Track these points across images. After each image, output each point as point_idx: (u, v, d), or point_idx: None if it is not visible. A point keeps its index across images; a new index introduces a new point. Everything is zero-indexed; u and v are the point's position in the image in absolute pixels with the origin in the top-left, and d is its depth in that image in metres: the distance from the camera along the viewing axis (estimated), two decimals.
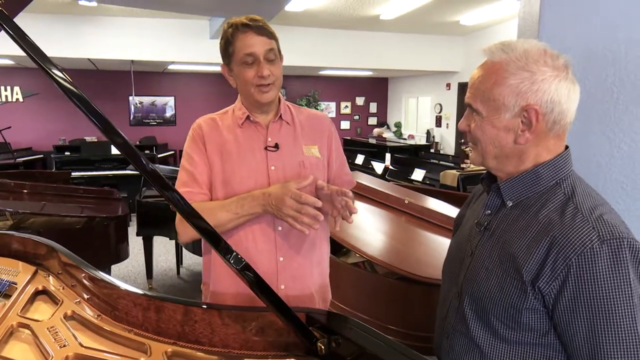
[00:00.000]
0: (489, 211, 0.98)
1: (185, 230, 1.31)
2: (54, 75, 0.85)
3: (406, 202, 2.83)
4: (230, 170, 1.32)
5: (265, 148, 1.34)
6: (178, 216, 1.32)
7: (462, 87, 8.28)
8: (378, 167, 6.69)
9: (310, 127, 1.42)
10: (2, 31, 0.84)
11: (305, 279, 1.37)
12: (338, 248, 2.69)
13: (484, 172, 1.05)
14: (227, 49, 1.29)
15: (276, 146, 1.35)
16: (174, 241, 4.37)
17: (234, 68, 1.31)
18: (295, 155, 1.36)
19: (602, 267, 0.79)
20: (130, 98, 8.38)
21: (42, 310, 1.16)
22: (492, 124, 0.90)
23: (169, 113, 8.95)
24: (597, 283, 0.79)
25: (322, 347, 0.97)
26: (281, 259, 1.33)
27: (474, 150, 0.97)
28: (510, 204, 0.94)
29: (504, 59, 0.88)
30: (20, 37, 0.83)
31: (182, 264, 4.46)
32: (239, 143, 1.34)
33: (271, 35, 1.30)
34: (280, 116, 1.38)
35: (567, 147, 0.93)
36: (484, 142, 0.93)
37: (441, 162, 6.17)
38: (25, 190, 3.62)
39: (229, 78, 1.36)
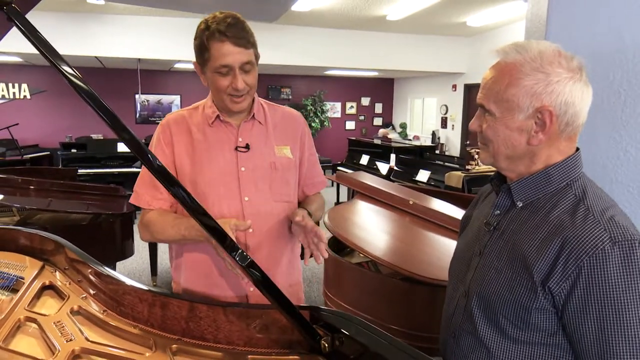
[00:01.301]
0: (499, 211, 0.98)
1: (144, 235, 1.34)
2: (65, 72, 0.86)
3: (411, 202, 2.83)
4: (199, 170, 1.29)
5: (236, 148, 1.31)
6: (140, 220, 1.34)
7: (468, 89, 8.25)
8: (383, 167, 6.68)
9: (283, 127, 1.39)
10: (14, 28, 0.85)
11: (275, 279, 1.35)
12: (342, 248, 2.70)
13: (489, 173, 1.05)
14: (201, 52, 1.24)
15: (247, 147, 1.31)
16: None
17: (207, 72, 1.26)
18: (266, 156, 1.33)
19: (613, 268, 0.79)
20: (137, 96, 8.42)
21: (48, 305, 1.17)
22: (506, 125, 0.90)
23: None
24: (608, 284, 0.79)
25: (326, 345, 0.97)
26: None
27: (484, 151, 0.97)
28: (521, 205, 0.94)
29: (519, 59, 0.88)
30: (32, 34, 0.84)
31: None
32: (208, 143, 1.31)
33: (249, 44, 1.22)
34: (253, 116, 1.34)
35: (577, 149, 0.93)
36: (496, 143, 0.93)
37: (446, 164, 6.14)
38: (31, 187, 3.65)
39: (201, 76, 1.31)
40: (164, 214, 1.31)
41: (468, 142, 7.75)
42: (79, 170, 5.82)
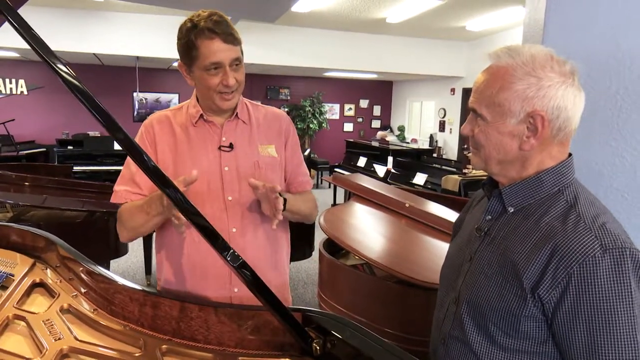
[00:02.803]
0: (490, 217, 0.98)
1: (121, 232, 1.32)
2: (57, 68, 0.85)
3: (407, 205, 2.83)
4: (182, 170, 1.28)
5: (219, 148, 1.31)
6: (118, 219, 1.32)
7: (467, 93, 8.27)
8: (380, 170, 6.69)
9: (267, 126, 1.39)
10: (7, 23, 0.84)
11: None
12: (337, 250, 2.69)
13: (486, 177, 1.04)
14: (189, 51, 1.22)
15: (230, 146, 1.31)
16: None
17: (196, 71, 1.24)
18: (249, 155, 1.33)
19: (603, 276, 0.78)
20: (135, 94, 8.39)
21: (38, 303, 1.16)
22: (497, 130, 0.89)
23: None
24: (598, 292, 0.78)
25: (318, 347, 0.96)
26: None
27: (476, 155, 0.97)
28: (512, 210, 0.93)
29: (511, 63, 0.87)
30: (24, 29, 0.83)
31: None
32: (191, 142, 1.31)
33: (237, 41, 1.23)
34: (237, 115, 1.34)
35: (570, 155, 0.93)
36: (488, 148, 0.92)
37: (443, 167, 6.16)
38: (26, 183, 3.63)
39: (186, 77, 1.30)
40: (132, 203, 1.29)
41: (465, 146, 7.77)
42: (75, 168, 5.80)
